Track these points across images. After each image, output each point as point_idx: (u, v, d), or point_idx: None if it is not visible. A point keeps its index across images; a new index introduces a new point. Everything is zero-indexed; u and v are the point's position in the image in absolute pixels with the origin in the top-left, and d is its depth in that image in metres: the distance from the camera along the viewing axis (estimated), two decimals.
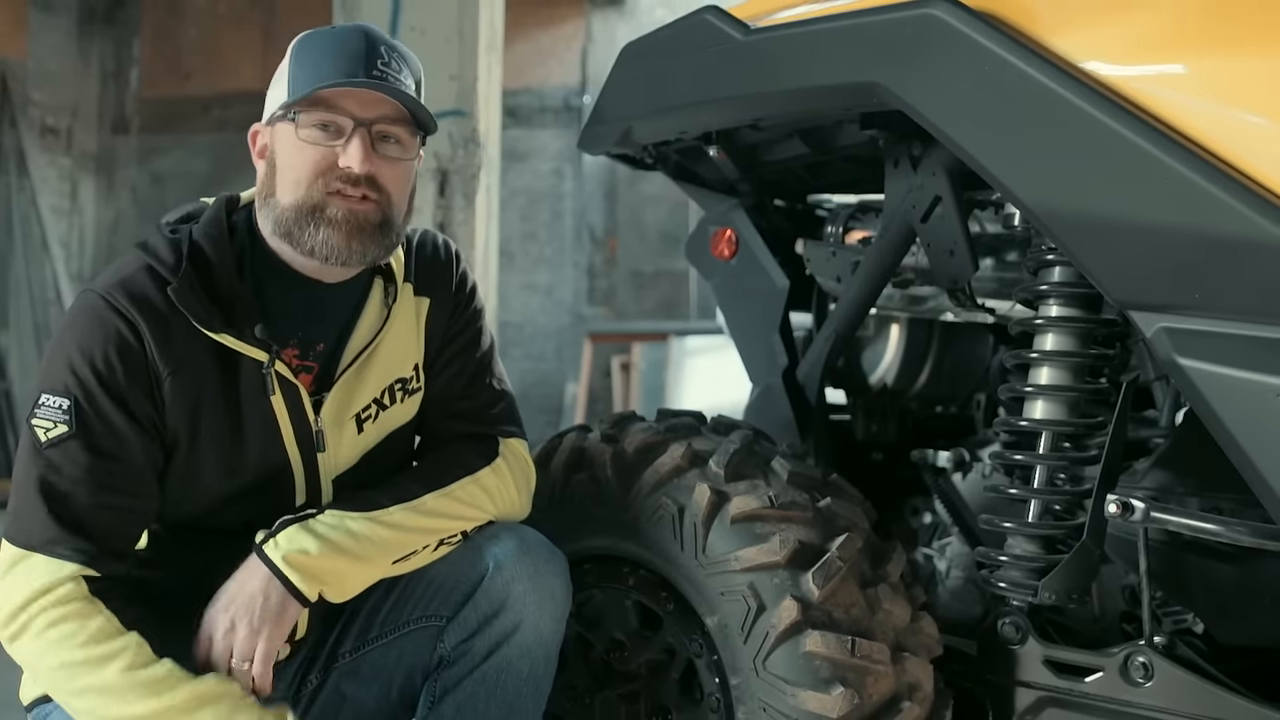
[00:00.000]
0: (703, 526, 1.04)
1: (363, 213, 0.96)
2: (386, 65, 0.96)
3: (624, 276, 6.33)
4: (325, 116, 0.95)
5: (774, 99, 1.12)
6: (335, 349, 1.03)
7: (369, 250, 0.98)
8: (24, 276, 5.67)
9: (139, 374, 0.92)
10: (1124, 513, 0.96)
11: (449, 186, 2.89)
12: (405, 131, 0.98)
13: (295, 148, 0.96)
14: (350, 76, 0.94)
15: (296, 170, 0.96)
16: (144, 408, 0.93)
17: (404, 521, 0.98)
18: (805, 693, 0.96)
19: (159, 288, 0.94)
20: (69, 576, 0.89)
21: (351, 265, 0.99)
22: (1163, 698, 0.95)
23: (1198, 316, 0.83)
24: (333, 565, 0.95)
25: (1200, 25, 0.87)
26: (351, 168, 0.94)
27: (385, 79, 0.95)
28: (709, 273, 1.50)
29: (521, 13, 5.37)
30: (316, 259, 0.97)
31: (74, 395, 0.91)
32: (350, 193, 0.96)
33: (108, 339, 0.92)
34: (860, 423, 1.52)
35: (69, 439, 0.90)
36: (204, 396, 0.96)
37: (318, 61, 0.96)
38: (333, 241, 0.96)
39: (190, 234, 0.98)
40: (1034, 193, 0.90)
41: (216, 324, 0.94)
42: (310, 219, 0.96)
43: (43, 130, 6.06)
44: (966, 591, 1.35)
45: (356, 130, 0.95)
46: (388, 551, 0.98)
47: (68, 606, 0.88)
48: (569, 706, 1.17)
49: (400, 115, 0.97)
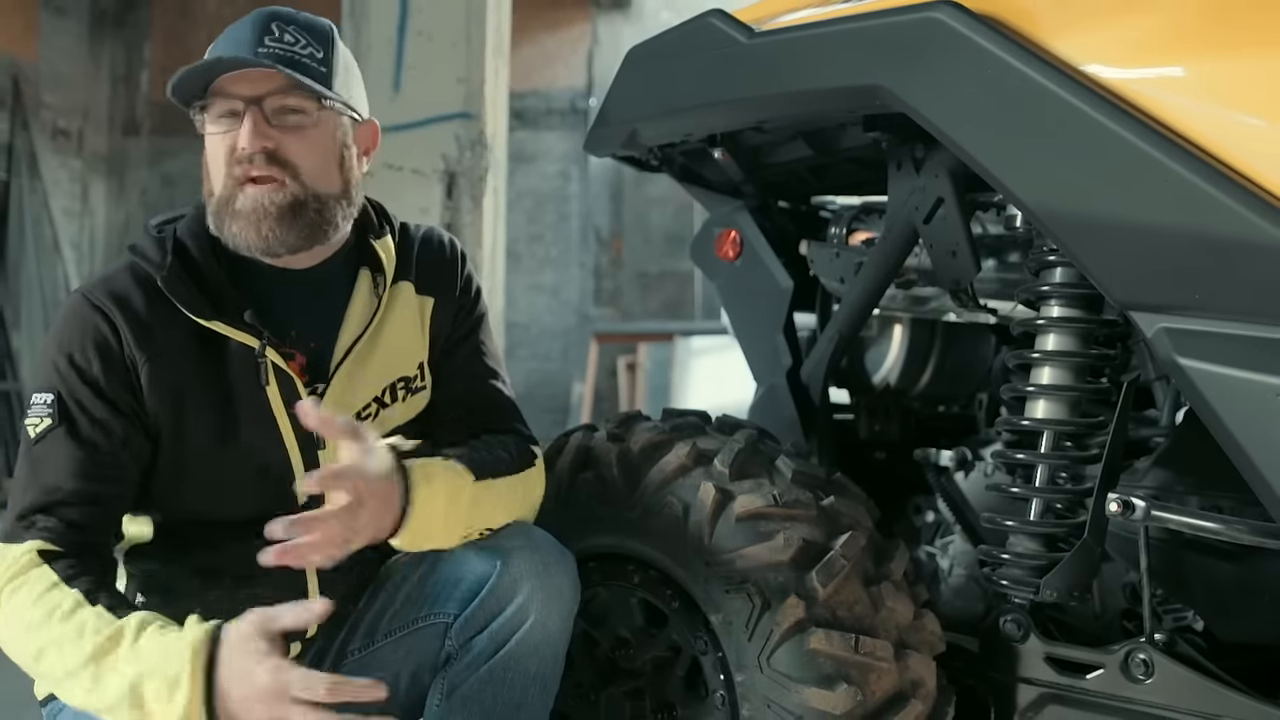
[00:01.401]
0: (708, 525, 1.05)
1: (267, 196, 0.95)
2: (277, 40, 0.95)
3: (629, 277, 6.34)
4: (222, 106, 0.96)
5: (778, 101, 1.13)
6: (326, 342, 1.03)
7: (286, 234, 0.97)
8: (35, 278, 5.71)
9: (117, 366, 0.94)
10: (1125, 511, 0.97)
11: (456, 188, 2.91)
12: (301, 99, 0.97)
13: (209, 142, 0.98)
14: (234, 60, 0.94)
15: (212, 163, 0.98)
16: (123, 397, 0.94)
17: (480, 498, 0.99)
18: (809, 689, 0.97)
19: (140, 284, 0.96)
20: (28, 550, 0.90)
21: (276, 252, 0.98)
22: (1163, 694, 0.95)
23: (1198, 317, 0.83)
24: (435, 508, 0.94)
25: (1199, 28, 0.87)
26: (243, 147, 0.94)
27: (272, 54, 0.94)
28: (714, 273, 1.50)
29: (528, 16, 5.38)
30: (243, 252, 0.98)
31: (57, 390, 0.94)
32: (256, 174, 0.95)
33: (85, 334, 0.94)
34: (863, 422, 1.52)
35: (53, 430, 0.93)
36: (188, 384, 0.97)
37: (213, 52, 0.97)
38: (244, 233, 0.96)
39: (175, 231, 1.00)
40: (1035, 194, 0.90)
41: (207, 312, 0.96)
42: (226, 213, 0.97)
43: (54, 132, 6.11)
44: (969, 589, 1.36)
45: (247, 110, 0.95)
46: (476, 518, 0.98)
47: (24, 575, 0.89)
48: (574, 704, 1.18)
49: (290, 85, 0.95)
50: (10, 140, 5.70)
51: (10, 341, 5.35)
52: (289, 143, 0.96)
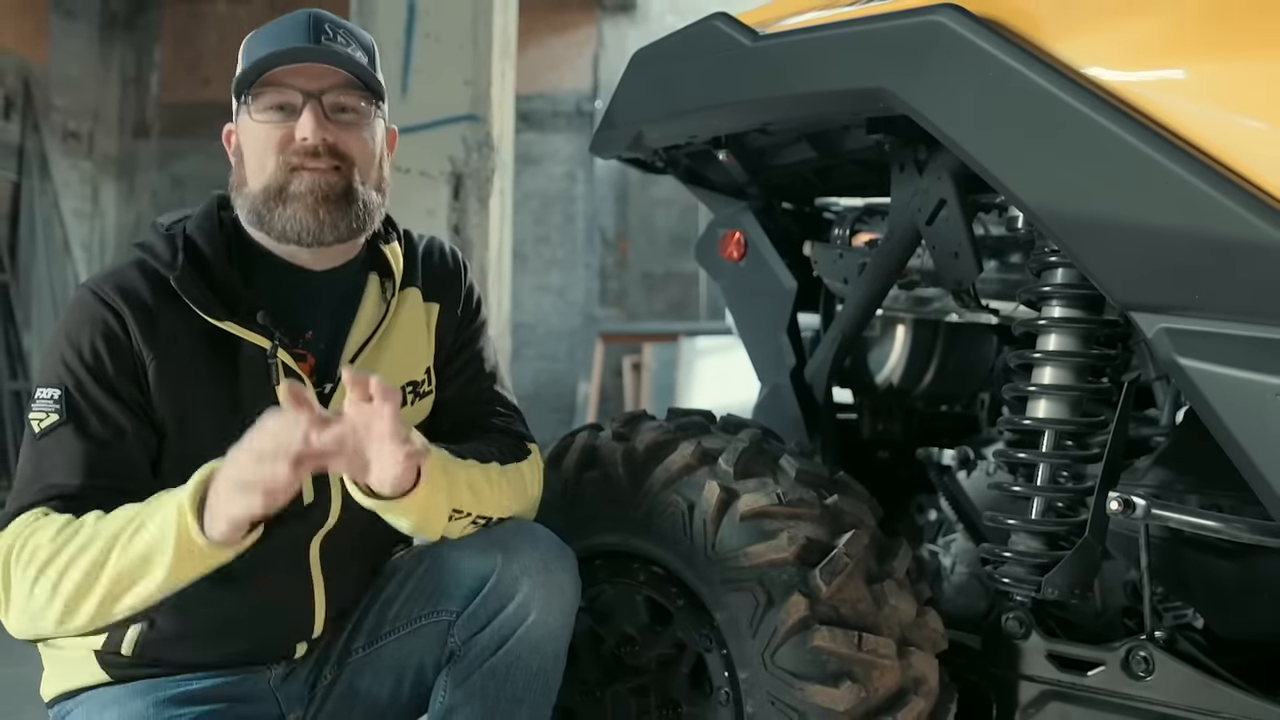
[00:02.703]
0: (712, 523, 1.05)
1: (326, 181, 0.96)
2: (330, 40, 0.97)
3: (635, 278, 6.35)
4: (276, 97, 0.96)
5: (782, 104, 1.13)
6: (335, 342, 1.03)
7: (338, 220, 0.98)
8: (46, 278, 5.74)
9: (125, 361, 0.94)
10: (1125, 510, 0.97)
11: (463, 190, 2.92)
12: (357, 98, 0.98)
13: (254, 131, 0.97)
14: (295, 54, 0.95)
15: (259, 153, 0.97)
16: (131, 393, 0.94)
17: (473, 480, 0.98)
18: (813, 686, 0.97)
19: (149, 280, 0.96)
20: (35, 511, 0.89)
21: (325, 240, 0.98)
22: (1164, 691, 0.96)
23: (1198, 317, 0.83)
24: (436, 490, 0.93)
25: (1199, 31, 0.87)
26: (307, 137, 0.95)
27: (332, 48, 0.96)
28: (718, 274, 1.50)
29: (534, 19, 5.40)
30: (290, 240, 0.98)
31: (64, 385, 0.93)
32: (311, 165, 0.96)
33: (94, 329, 0.93)
34: (867, 422, 1.53)
35: (60, 426, 0.92)
36: (195, 382, 0.96)
37: (263, 47, 0.97)
38: (300, 216, 0.96)
39: (184, 229, 0.99)
40: (1037, 195, 0.90)
41: (220, 312, 0.96)
42: (277, 199, 0.97)
43: (65, 135, 6.14)
44: (971, 587, 1.36)
45: (307, 102, 0.96)
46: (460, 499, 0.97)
47: (28, 532, 0.87)
48: (580, 700, 1.18)
49: (349, 81, 0.97)
50: (21, 142, 5.74)
51: (21, 341, 5.38)
52: (344, 137, 0.98)
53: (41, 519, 0.89)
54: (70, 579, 0.86)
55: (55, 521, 0.88)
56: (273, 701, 1.04)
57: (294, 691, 1.06)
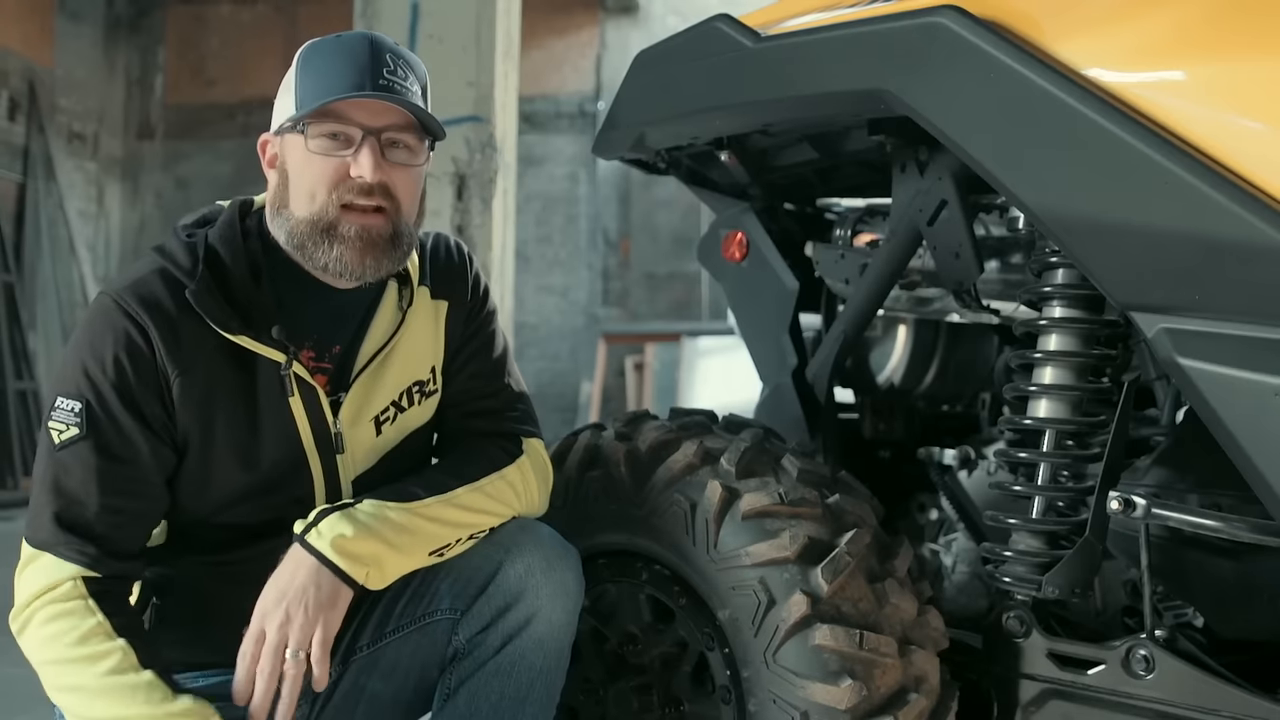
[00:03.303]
0: (714, 522, 1.06)
1: (375, 228, 0.96)
2: (393, 74, 0.96)
3: (637, 278, 6.37)
4: (334, 127, 0.95)
5: (784, 105, 1.13)
6: (350, 350, 1.04)
7: (382, 265, 0.98)
8: (51, 279, 5.77)
9: (149, 377, 0.93)
10: (1126, 509, 0.97)
11: (466, 190, 2.93)
12: (413, 138, 0.98)
13: (306, 159, 0.96)
14: (357, 87, 0.94)
15: (310, 183, 0.96)
16: (154, 410, 0.94)
17: (440, 514, 0.99)
18: (814, 685, 0.98)
19: (171, 291, 0.95)
20: (70, 576, 0.90)
21: (367, 280, 0.99)
22: (1163, 690, 0.96)
23: (1198, 317, 0.84)
24: (375, 550, 0.94)
25: (1199, 33, 0.87)
26: (364, 176, 0.94)
27: (391, 87, 0.95)
28: (720, 274, 1.51)
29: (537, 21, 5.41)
30: (330, 275, 0.98)
31: (86, 398, 0.92)
32: (363, 203, 0.96)
33: (118, 342, 0.93)
34: (868, 421, 1.53)
35: (80, 441, 0.92)
36: (216, 397, 0.96)
37: (325, 72, 0.96)
38: (346, 258, 0.96)
39: (206, 238, 0.98)
40: (1037, 196, 0.90)
41: (234, 326, 0.95)
42: (324, 236, 0.96)
43: (70, 136, 6.17)
44: (972, 586, 1.36)
45: (366, 139, 0.95)
46: (425, 543, 0.98)
47: (66, 604, 0.90)
48: (583, 699, 1.19)
49: (407, 122, 0.97)
50: (26, 143, 5.76)
51: (27, 342, 5.40)
52: (397, 178, 0.97)
53: (71, 603, 0.90)
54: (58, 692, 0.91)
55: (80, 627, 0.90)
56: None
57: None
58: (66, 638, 0.89)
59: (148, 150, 6.67)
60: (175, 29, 6.63)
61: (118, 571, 0.93)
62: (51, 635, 0.90)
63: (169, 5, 6.63)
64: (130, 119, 6.68)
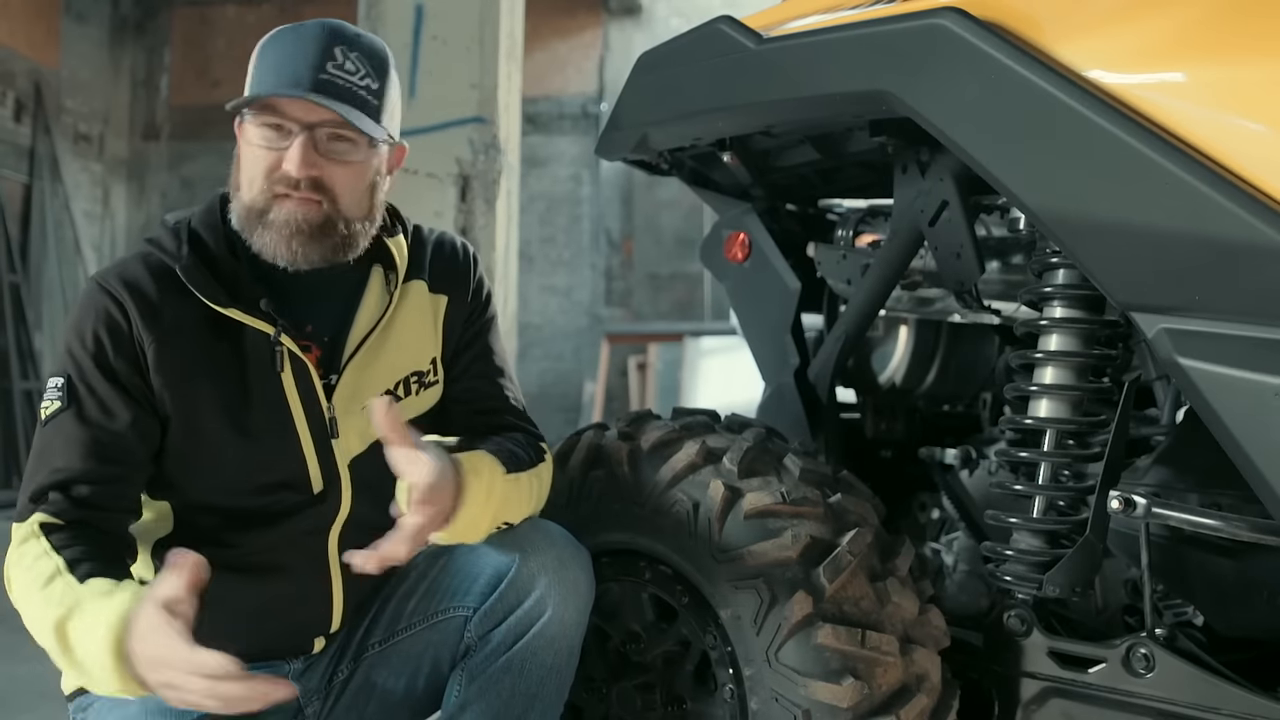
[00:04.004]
0: (717, 521, 1.06)
1: (302, 214, 0.97)
2: (339, 67, 0.96)
3: (640, 279, 6.38)
4: (272, 119, 0.96)
5: (786, 106, 1.14)
6: (339, 335, 1.04)
7: (312, 250, 0.98)
8: (57, 279, 5.79)
9: (125, 347, 0.95)
10: (1126, 508, 0.97)
11: (470, 191, 2.94)
12: (354, 134, 0.98)
13: (248, 148, 0.99)
14: (295, 83, 0.95)
15: (249, 170, 0.98)
16: (131, 378, 0.95)
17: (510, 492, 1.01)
18: (816, 683, 0.98)
19: (153, 271, 0.97)
20: (32, 521, 0.91)
21: (299, 266, 0.99)
22: (1164, 688, 0.96)
23: (1198, 318, 0.84)
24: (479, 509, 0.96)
25: (1199, 35, 0.88)
26: (290, 172, 0.96)
27: (333, 83, 0.95)
28: (723, 275, 1.52)
29: (540, 23, 5.43)
30: (266, 258, 0.99)
31: (68, 373, 0.95)
32: (294, 194, 0.97)
33: (98, 319, 0.96)
34: (870, 421, 1.54)
35: (62, 413, 0.94)
36: (198, 367, 0.97)
37: (272, 65, 0.97)
38: (275, 244, 0.98)
39: (189, 222, 1.01)
40: (1038, 197, 0.91)
41: (223, 299, 0.97)
42: (257, 221, 0.98)
43: (75, 137, 6.20)
44: (973, 585, 1.37)
45: (300, 134, 0.96)
46: (504, 511, 1.00)
47: (21, 546, 0.91)
48: (587, 697, 1.20)
49: (344, 121, 0.97)
50: (32, 144, 5.78)
51: (33, 342, 5.43)
52: (333, 172, 0.98)
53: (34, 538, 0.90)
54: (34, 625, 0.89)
55: (33, 550, 0.90)
56: None
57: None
58: (24, 576, 0.89)
59: (153, 151, 6.70)
60: (180, 30, 6.65)
61: (79, 523, 0.92)
62: (13, 579, 0.90)
63: (174, 7, 6.66)
64: (135, 120, 6.70)
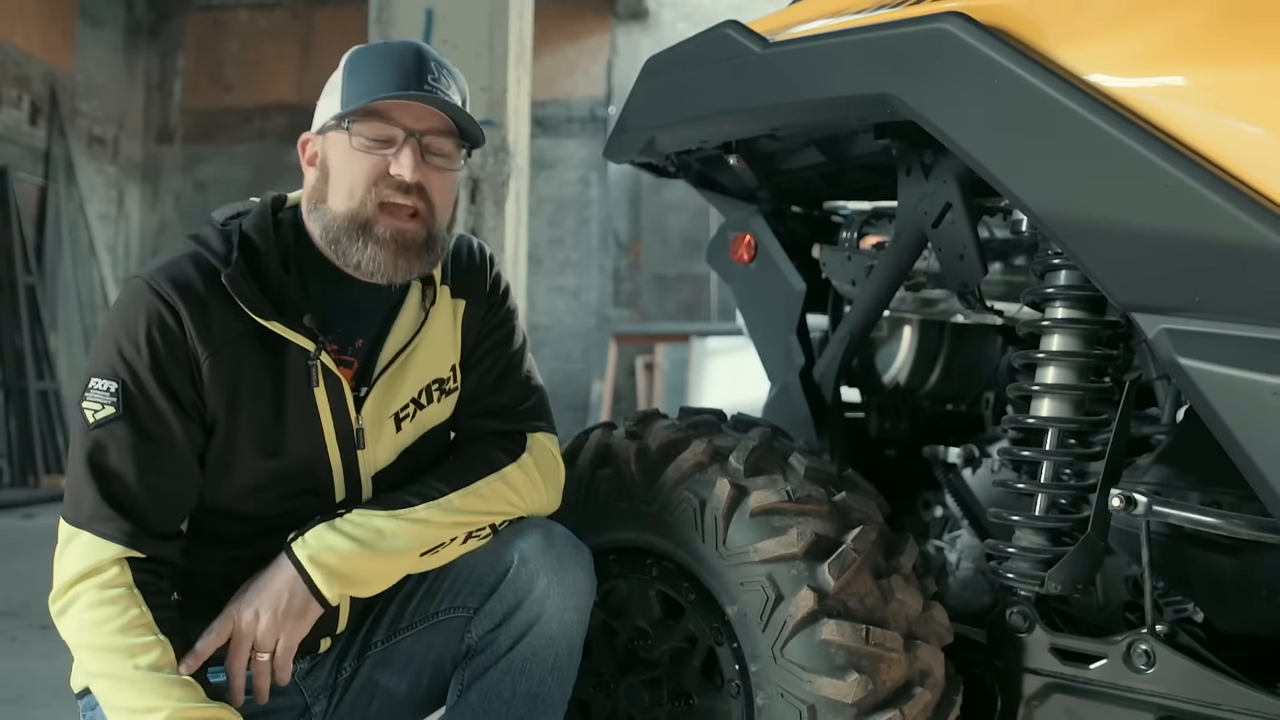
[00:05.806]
0: (723, 519, 1.07)
1: (409, 231, 0.99)
2: (436, 80, 0.99)
3: (647, 280, 6.39)
4: (379, 126, 0.98)
5: (791, 110, 1.15)
6: (373, 348, 1.05)
7: (414, 267, 1.01)
8: (72, 280, 5.85)
9: (180, 357, 0.95)
10: (1127, 506, 0.98)
11: (480, 194, 2.96)
12: (451, 143, 1.01)
13: (348, 156, 0.99)
14: (403, 89, 0.97)
15: (350, 178, 0.98)
16: (185, 390, 0.95)
17: (430, 518, 1.01)
18: (821, 679, 0.99)
19: (203, 275, 0.96)
20: (113, 559, 0.91)
21: (397, 281, 1.01)
22: (1164, 684, 0.97)
23: (1198, 318, 0.84)
24: (357, 566, 0.97)
25: (1200, 38, 0.88)
26: (403, 175, 0.97)
27: (435, 93, 0.98)
28: (729, 276, 1.52)
29: (549, 27, 5.46)
30: (362, 273, 1.00)
31: (122, 379, 0.94)
32: (400, 201, 0.98)
33: (151, 322, 0.94)
34: (874, 420, 1.54)
35: (115, 420, 0.93)
36: (243, 380, 0.97)
37: (372, 74, 0.98)
38: (380, 259, 0.99)
39: (240, 227, 1.00)
40: (1040, 200, 0.91)
41: (267, 311, 0.97)
42: (360, 233, 0.99)
43: (90, 140, 6.25)
44: (976, 582, 1.37)
45: (408, 140, 0.98)
46: (414, 546, 1.00)
47: (110, 591, 0.91)
48: (594, 693, 1.20)
49: (448, 127, 1.01)
50: (48, 147, 5.84)
51: (48, 342, 5.48)
52: (434, 181, 1.00)
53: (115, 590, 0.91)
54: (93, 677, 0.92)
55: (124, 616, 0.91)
56: (298, 693, 1.07)
57: (318, 683, 1.08)
58: (109, 625, 0.91)
59: (167, 154, 6.75)
60: (194, 34, 6.70)
61: (157, 552, 0.94)
62: (94, 621, 0.91)
63: (188, 11, 6.71)
64: (150, 123, 6.76)
